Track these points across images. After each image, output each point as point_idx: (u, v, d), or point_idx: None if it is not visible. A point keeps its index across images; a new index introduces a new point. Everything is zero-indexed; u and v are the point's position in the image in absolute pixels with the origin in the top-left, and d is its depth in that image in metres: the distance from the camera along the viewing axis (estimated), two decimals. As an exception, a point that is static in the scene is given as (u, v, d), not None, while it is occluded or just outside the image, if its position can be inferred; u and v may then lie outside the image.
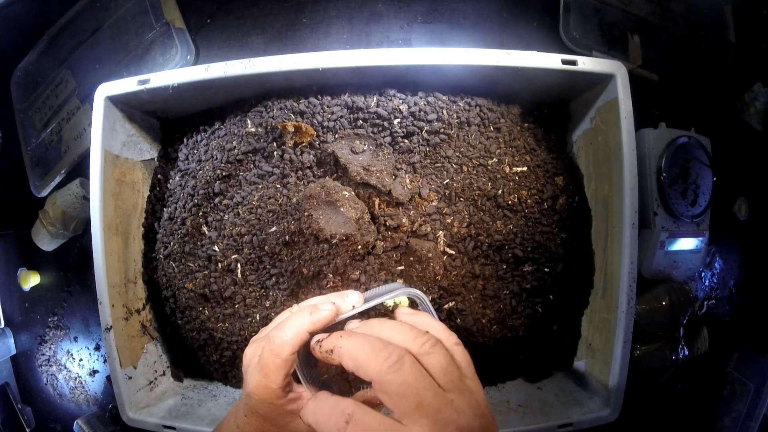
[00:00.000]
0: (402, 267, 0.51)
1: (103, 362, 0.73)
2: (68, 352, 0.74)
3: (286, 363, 0.31)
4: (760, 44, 0.67)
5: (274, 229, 0.52)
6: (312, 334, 0.31)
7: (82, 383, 0.73)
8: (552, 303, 0.55)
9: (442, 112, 0.51)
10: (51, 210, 0.65)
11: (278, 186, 0.53)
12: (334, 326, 0.33)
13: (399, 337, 0.28)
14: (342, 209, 0.49)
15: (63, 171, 0.67)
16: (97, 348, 0.73)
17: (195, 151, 0.57)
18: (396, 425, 0.25)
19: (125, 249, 0.56)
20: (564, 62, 0.48)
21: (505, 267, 0.53)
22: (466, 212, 0.52)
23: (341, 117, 0.52)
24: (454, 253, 0.52)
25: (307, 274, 0.52)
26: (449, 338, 0.30)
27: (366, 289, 0.45)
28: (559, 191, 0.54)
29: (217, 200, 0.55)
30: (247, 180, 0.54)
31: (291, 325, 0.31)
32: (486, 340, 0.53)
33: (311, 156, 0.52)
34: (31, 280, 0.73)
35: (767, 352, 0.66)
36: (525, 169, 0.53)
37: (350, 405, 0.26)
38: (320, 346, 0.29)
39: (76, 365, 0.74)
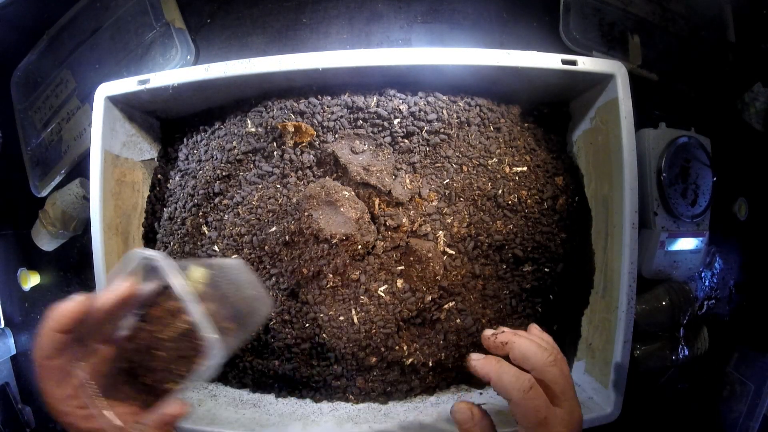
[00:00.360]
0: (402, 267, 0.51)
1: (103, 362, 0.73)
2: (68, 352, 0.74)
3: (43, 369, 0.29)
4: (760, 44, 0.67)
5: (274, 229, 0.52)
6: (66, 332, 0.30)
7: (82, 383, 0.73)
8: (552, 303, 0.55)
9: (442, 112, 0.51)
10: (51, 210, 0.65)
11: (278, 186, 0.53)
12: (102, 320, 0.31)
13: (542, 343, 0.36)
14: (342, 209, 0.49)
15: (63, 171, 0.67)
16: (97, 348, 0.73)
17: (195, 151, 0.57)
18: (551, 407, 0.33)
19: (125, 249, 0.56)
20: (564, 62, 0.48)
21: (505, 267, 0.53)
22: (466, 212, 0.52)
23: (341, 117, 0.52)
24: (454, 253, 0.52)
25: (307, 274, 0.52)
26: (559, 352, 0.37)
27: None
28: (559, 191, 0.54)
29: (217, 200, 0.55)
30: (247, 180, 0.54)
31: (42, 330, 0.29)
32: (486, 340, 0.53)
33: (311, 156, 0.52)
34: (31, 280, 0.73)
35: (767, 352, 0.66)
36: (525, 169, 0.53)
37: (532, 378, 0.33)
38: (495, 338, 0.37)
39: (76, 365, 0.74)
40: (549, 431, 0.33)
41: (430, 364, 0.54)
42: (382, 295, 0.51)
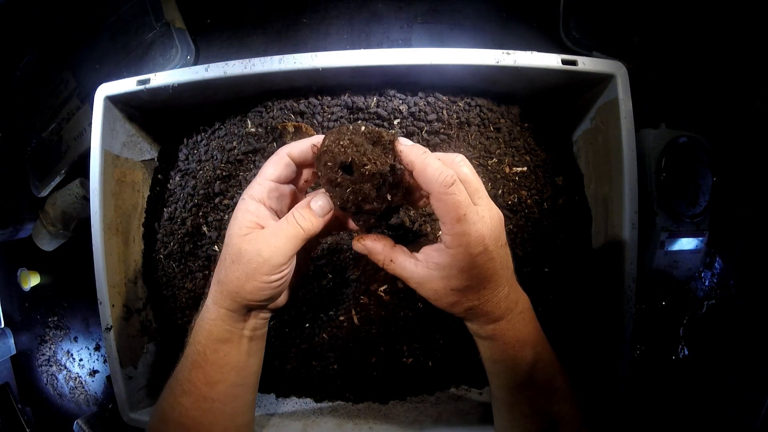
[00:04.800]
0: (402, 267, 0.51)
1: (103, 362, 0.73)
2: (68, 352, 0.74)
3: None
4: (760, 44, 0.67)
5: (274, 229, 0.52)
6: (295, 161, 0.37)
7: (82, 383, 0.74)
8: (552, 303, 0.55)
9: (442, 113, 0.51)
10: (51, 210, 0.65)
11: (278, 186, 0.53)
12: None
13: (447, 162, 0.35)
14: None
15: (63, 171, 0.67)
16: (97, 348, 0.73)
17: (195, 151, 0.57)
18: (471, 204, 0.33)
19: (125, 249, 0.56)
20: (564, 62, 0.48)
21: (505, 267, 0.53)
22: (466, 212, 0.52)
23: (341, 117, 0.52)
24: (454, 253, 0.52)
25: (306, 274, 0.52)
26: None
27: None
28: (559, 191, 0.54)
29: (217, 200, 0.55)
30: (247, 180, 0.54)
31: (280, 154, 0.37)
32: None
33: (311, 156, 0.52)
34: (31, 280, 0.73)
35: (767, 352, 0.66)
36: (525, 169, 0.53)
37: (455, 174, 0.33)
38: (401, 151, 0.34)
39: (76, 365, 0.74)
40: (468, 227, 0.32)
41: (430, 364, 0.54)
42: (382, 295, 0.51)
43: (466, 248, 0.33)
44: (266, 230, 0.35)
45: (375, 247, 0.38)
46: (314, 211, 0.36)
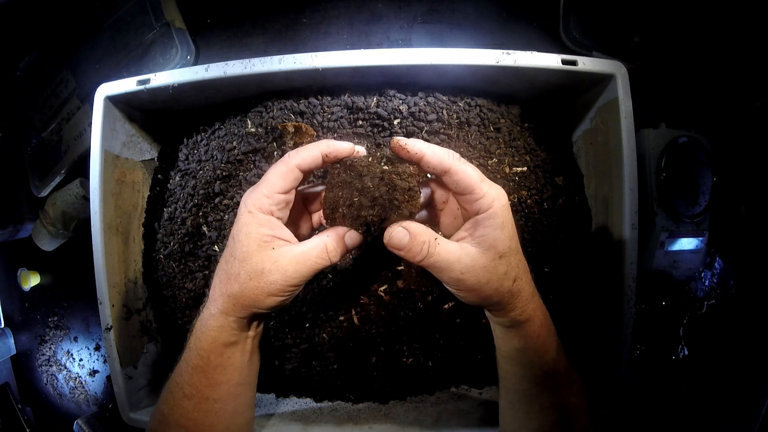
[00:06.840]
0: (402, 267, 0.51)
1: (103, 362, 0.73)
2: (68, 352, 0.74)
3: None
4: (760, 44, 0.67)
5: (274, 229, 0.52)
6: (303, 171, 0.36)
7: (82, 383, 0.74)
8: (552, 303, 0.55)
9: (442, 113, 0.51)
10: (51, 210, 0.65)
11: (278, 186, 0.53)
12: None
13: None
14: None
15: (63, 171, 0.67)
16: (97, 348, 0.73)
17: (195, 151, 0.57)
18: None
19: (125, 249, 0.56)
20: (564, 62, 0.48)
21: (505, 267, 0.53)
22: (466, 212, 0.52)
23: (341, 117, 0.52)
24: (454, 253, 0.52)
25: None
26: None
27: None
28: (559, 191, 0.54)
29: (217, 200, 0.55)
30: (247, 180, 0.54)
31: (287, 164, 0.36)
32: (486, 340, 0.53)
33: (311, 156, 0.52)
34: (31, 280, 0.73)
35: (767, 351, 0.66)
36: (525, 169, 0.53)
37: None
38: (406, 144, 0.36)
39: (76, 365, 0.74)
40: (491, 183, 0.35)
41: (430, 364, 0.54)
42: (382, 295, 0.51)
43: (499, 201, 0.35)
44: (293, 254, 0.35)
45: (417, 228, 0.35)
46: (347, 245, 0.37)
